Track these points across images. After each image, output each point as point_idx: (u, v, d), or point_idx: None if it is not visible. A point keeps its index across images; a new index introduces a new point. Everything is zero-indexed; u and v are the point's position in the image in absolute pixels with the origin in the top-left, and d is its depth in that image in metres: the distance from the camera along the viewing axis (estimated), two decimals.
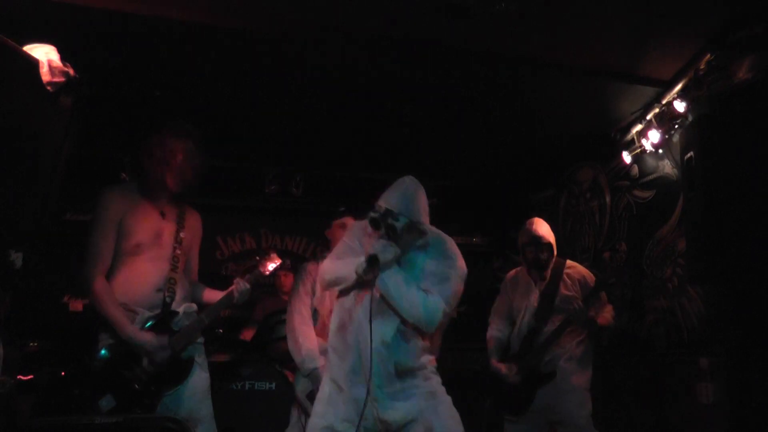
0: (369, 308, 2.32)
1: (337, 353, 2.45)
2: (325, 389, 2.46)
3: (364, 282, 2.37)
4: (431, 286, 2.39)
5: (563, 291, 3.53)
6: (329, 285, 2.56)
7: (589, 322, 3.41)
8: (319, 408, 2.42)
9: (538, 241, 3.57)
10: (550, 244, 3.59)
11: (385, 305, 2.37)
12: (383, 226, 2.37)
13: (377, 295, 2.36)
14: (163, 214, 2.81)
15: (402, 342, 2.38)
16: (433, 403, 2.36)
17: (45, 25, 2.64)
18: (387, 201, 2.42)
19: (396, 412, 2.33)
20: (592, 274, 3.65)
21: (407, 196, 2.42)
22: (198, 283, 3.03)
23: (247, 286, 2.89)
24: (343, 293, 2.51)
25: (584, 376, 3.44)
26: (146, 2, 2.72)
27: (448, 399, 2.43)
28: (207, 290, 3.01)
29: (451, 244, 2.52)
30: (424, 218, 2.45)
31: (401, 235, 2.38)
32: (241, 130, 4.21)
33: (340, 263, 2.49)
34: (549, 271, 3.61)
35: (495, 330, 3.76)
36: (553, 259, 3.63)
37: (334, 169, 5.03)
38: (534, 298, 3.60)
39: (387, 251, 2.35)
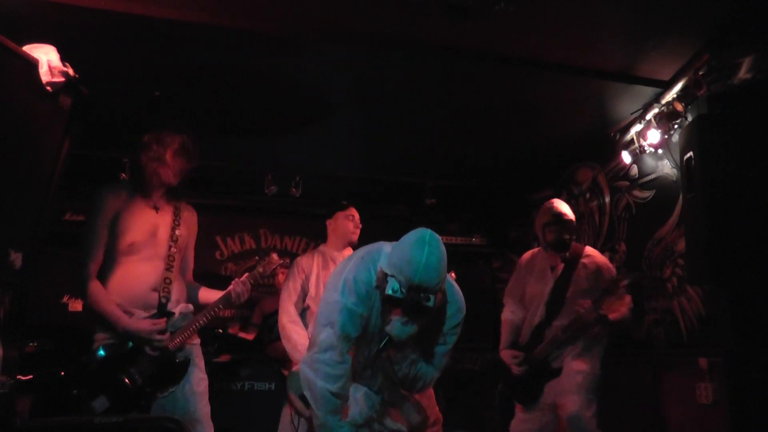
0: None
1: None
2: None
3: None
4: None
5: (575, 286, 3.44)
6: None
7: (600, 319, 3.25)
8: None
9: (560, 218, 3.45)
10: (572, 222, 3.49)
11: None
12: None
13: None
14: (156, 209, 2.80)
15: None
16: None
17: (45, 25, 2.64)
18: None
19: None
20: (609, 265, 3.56)
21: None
22: (193, 282, 2.98)
23: (247, 285, 2.86)
24: None
25: (591, 376, 3.30)
26: (146, 3, 2.72)
27: None
28: (203, 290, 2.96)
29: None
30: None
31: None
32: (241, 131, 4.21)
33: None
34: (567, 255, 3.50)
35: (509, 312, 3.68)
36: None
37: (333, 171, 5.02)
38: (548, 288, 3.51)
39: None
